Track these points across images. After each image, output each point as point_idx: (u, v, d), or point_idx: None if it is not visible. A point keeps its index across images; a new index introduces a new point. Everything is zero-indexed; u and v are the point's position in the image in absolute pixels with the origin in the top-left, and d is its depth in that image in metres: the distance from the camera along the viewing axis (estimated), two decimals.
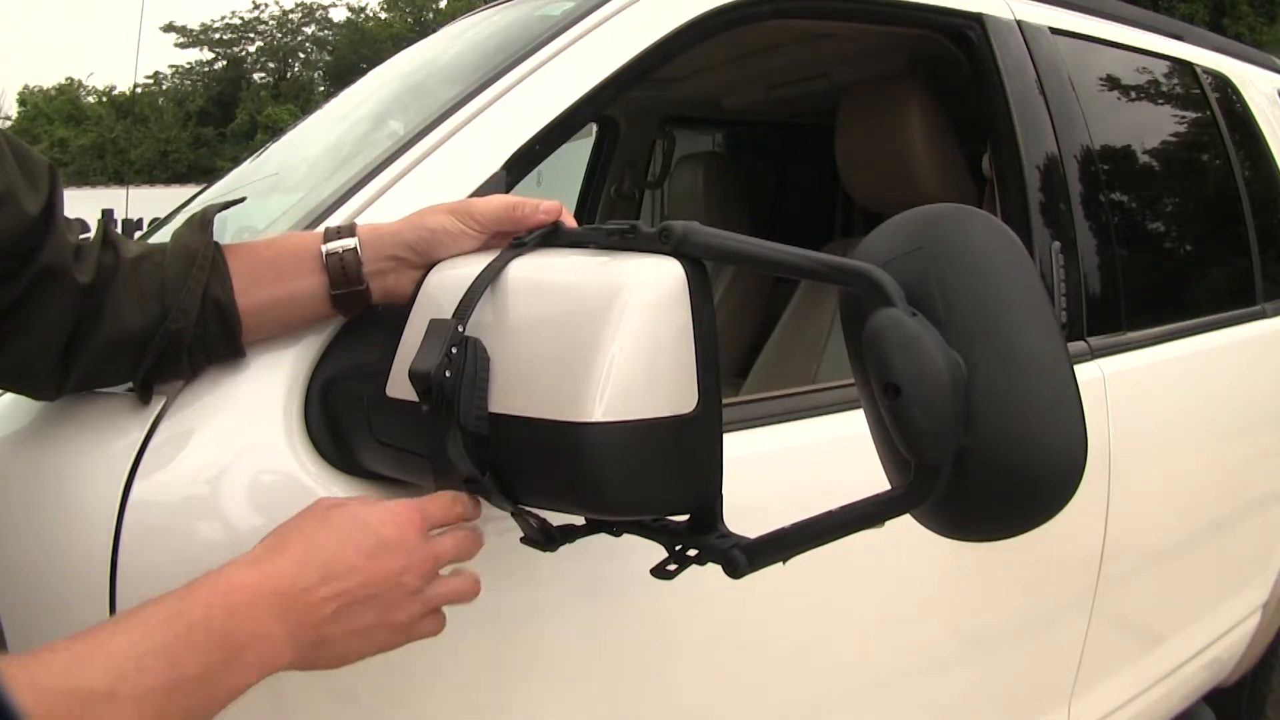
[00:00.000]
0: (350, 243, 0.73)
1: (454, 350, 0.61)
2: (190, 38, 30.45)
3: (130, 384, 0.71)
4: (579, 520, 0.67)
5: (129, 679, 0.49)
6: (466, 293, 0.64)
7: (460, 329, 0.62)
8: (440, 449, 0.62)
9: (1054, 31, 1.47)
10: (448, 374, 0.60)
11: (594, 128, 2.35)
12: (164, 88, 30.82)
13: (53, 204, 0.66)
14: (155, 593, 0.54)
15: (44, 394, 0.70)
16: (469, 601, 0.65)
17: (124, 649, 0.50)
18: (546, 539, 0.67)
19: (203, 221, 0.73)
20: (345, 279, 0.73)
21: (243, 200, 0.91)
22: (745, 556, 0.58)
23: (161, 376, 0.71)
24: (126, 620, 0.52)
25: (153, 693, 0.50)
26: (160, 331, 0.68)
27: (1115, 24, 1.66)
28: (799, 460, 1.00)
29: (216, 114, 29.22)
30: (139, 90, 29.02)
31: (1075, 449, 0.53)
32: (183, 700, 0.51)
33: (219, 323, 0.71)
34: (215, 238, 0.73)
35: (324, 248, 0.73)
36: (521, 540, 0.69)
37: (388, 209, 0.81)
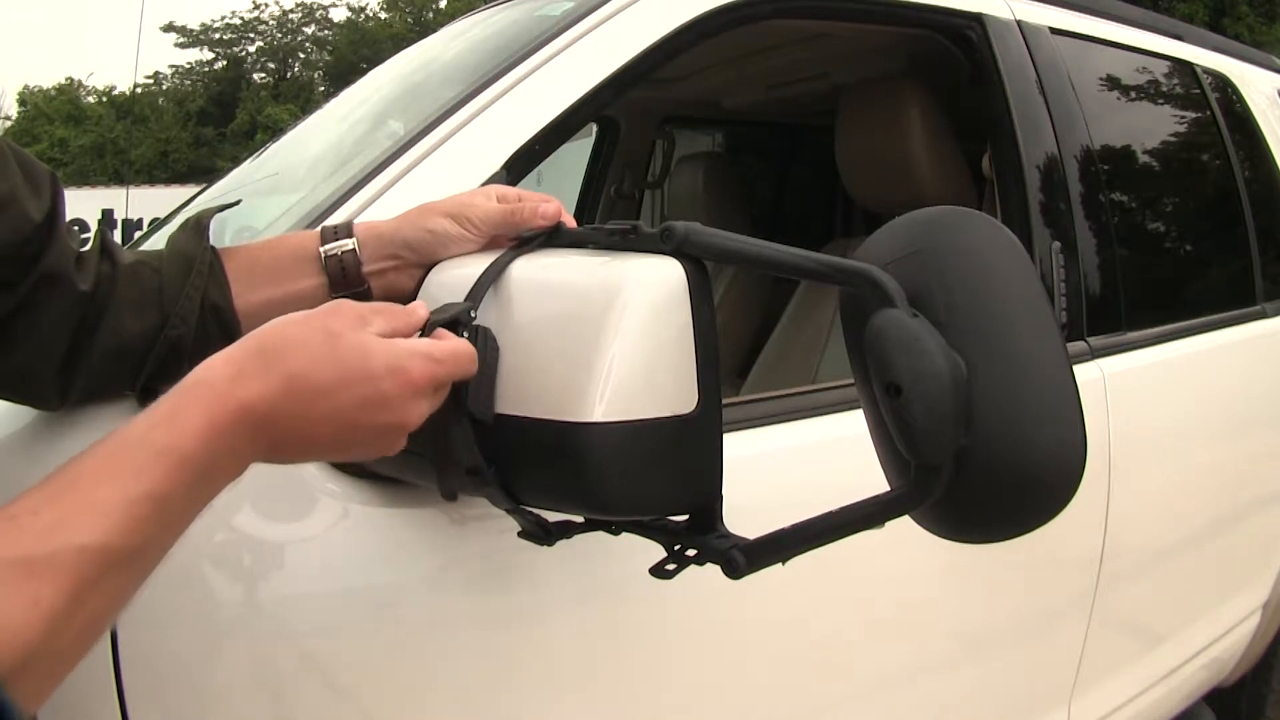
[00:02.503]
0: (349, 244, 0.73)
1: (465, 336, 0.61)
2: (190, 38, 30.44)
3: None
4: (577, 518, 0.67)
5: (126, 529, 0.46)
6: (476, 283, 0.64)
7: (472, 314, 0.62)
8: (444, 439, 0.62)
9: (1054, 31, 1.47)
10: None
11: (594, 128, 2.35)
12: (164, 88, 30.81)
13: (55, 211, 0.66)
14: (155, 594, 0.54)
15: (47, 403, 0.70)
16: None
17: (114, 497, 0.46)
18: (544, 533, 0.67)
19: (198, 226, 0.73)
20: (345, 280, 0.73)
21: (237, 203, 0.91)
22: (744, 557, 0.58)
23: (163, 383, 0.71)
24: (110, 460, 0.47)
25: (149, 541, 0.47)
26: (161, 339, 0.68)
27: (1115, 24, 1.66)
28: (799, 460, 1.00)
29: (216, 114, 29.21)
30: (139, 90, 29.01)
31: (1075, 450, 0.53)
32: (163, 535, 0.49)
33: (219, 328, 0.70)
34: (217, 239, 0.73)
35: (322, 249, 0.73)
36: (519, 534, 0.69)
37: (388, 209, 0.81)
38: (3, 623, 0.41)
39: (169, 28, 29.79)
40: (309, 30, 31.54)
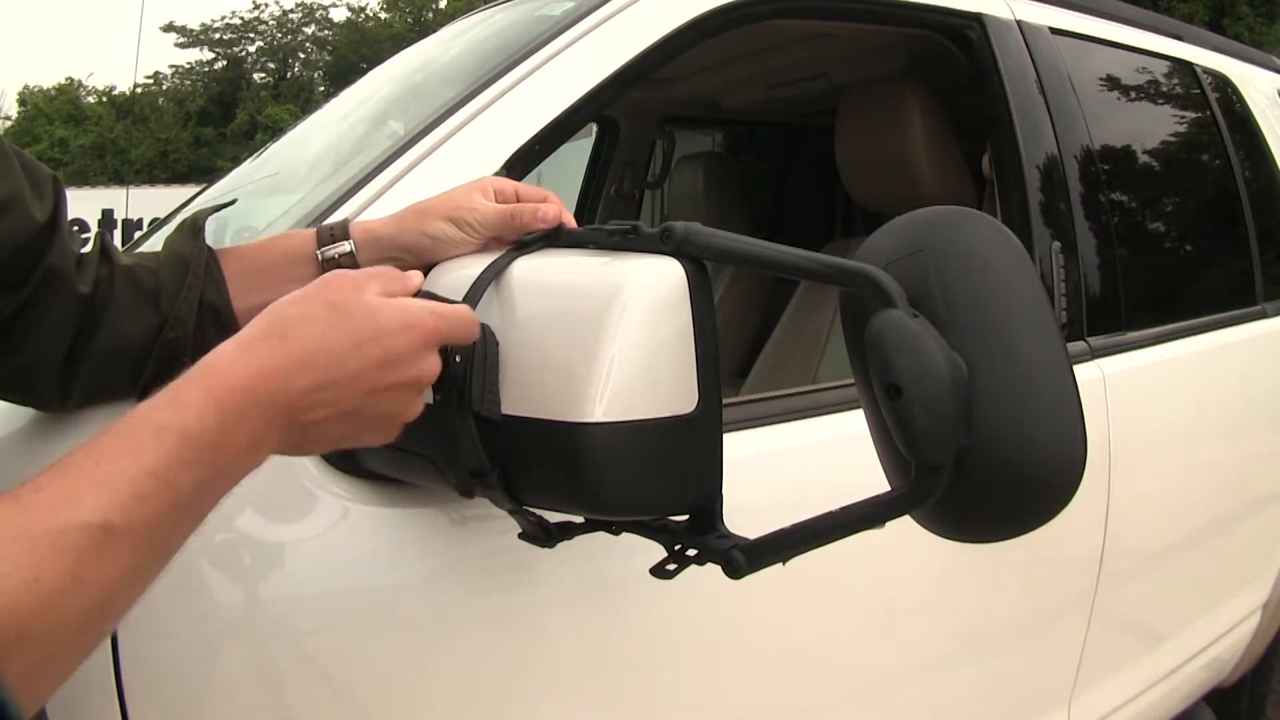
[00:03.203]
0: (346, 246, 0.73)
1: None
2: (190, 38, 30.44)
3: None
4: (577, 518, 0.67)
5: (128, 508, 0.44)
6: (475, 282, 0.64)
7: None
8: (448, 441, 0.61)
9: (1054, 31, 1.47)
10: (459, 358, 0.60)
11: (594, 128, 2.35)
12: (164, 88, 30.81)
13: (58, 213, 0.67)
14: (155, 594, 0.53)
15: (49, 404, 0.70)
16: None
17: (115, 474, 0.45)
18: (545, 535, 0.67)
19: (194, 228, 0.73)
20: None
21: (233, 203, 0.91)
22: (745, 557, 0.58)
23: (163, 384, 0.71)
24: (112, 441, 0.47)
25: (153, 519, 0.46)
26: (160, 341, 0.68)
27: (1115, 24, 1.66)
28: (799, 460, 1.00)
29: (216, 114, 29.21)
30: (139, 90, 29.01)
31: (1075, 450, 0.53)
32: (179, 520, 0.48)
33: (217, 329, 0.70)
34: (217, 239, 0.73)
35: (320, 252, 0.73)
36: (520, 536, 0.69)
37: (388, 209, 0.81)
38: (2, 599, 0.40)
39: (169, 28, 29.80)
40: (309, 30, 31.54)
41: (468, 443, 0.61)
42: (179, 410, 0.48)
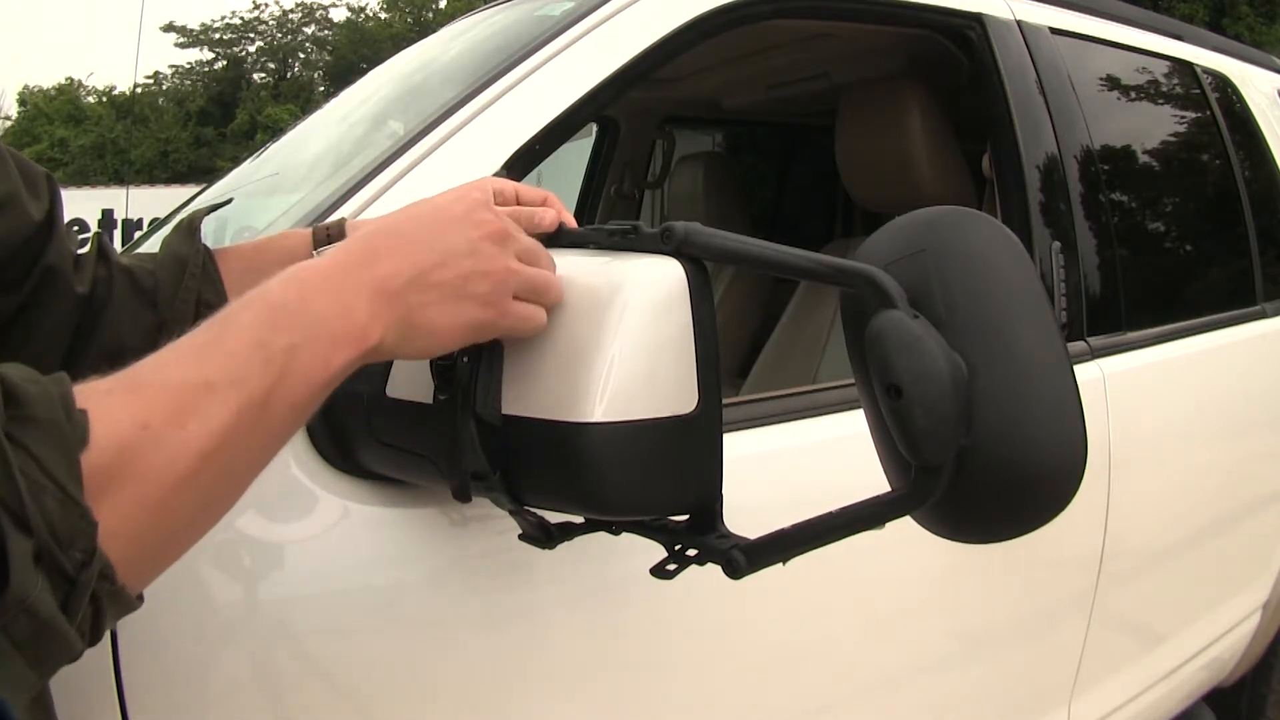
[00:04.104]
0: None
1: None
2: (190, 38, 30.43)
3: None
4: (577, 519, 0.67)
5: (223, 365, 0.46)
6: None
7: None
8: (451, 444, 0.62)
9: (1054, 31, 1.47)
10: (465, 359, 0.60)
11: (594, 128, 2.35)
12: (164, 88, 30.81)
13: (54, 212, 0.67)
14: (155, 594, 0.53)
15: None
16: (554, 300, 0.60)
17: (209, 340, 0.47)
18: (545, 536, 0.67)
19: (190, 228, 0.73)
20: None
21: (229, 203, 0.91)
22: (745, 557, 0.58)
23: None
24: (197, 329, 0.49)
25: (250, 375, 0.47)
26: (158, 343, 0.68)
27: (1115, 24, 1.66)
28: (799, 460, 1.00)
29: (216, 114, 29.21)
30: (139, 90, 29.01)
31: (1075, 450, 0.53)
32: (277, 380, 0.48)
33: None
34: (217, 239, 0.73)
35: (316, 252, 0.73)
36: (520, 537, 0.69)
37: (388, 210, 0.81)
38: (112, 431, 0.42)
39: (169, 28, 29.81)
40: (309, 30, 31.54)
41: (469, 445, 0.61)
42: (261, 290, 0.50)
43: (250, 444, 0.48)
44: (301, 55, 31.87)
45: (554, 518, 0.66)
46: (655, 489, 0.60)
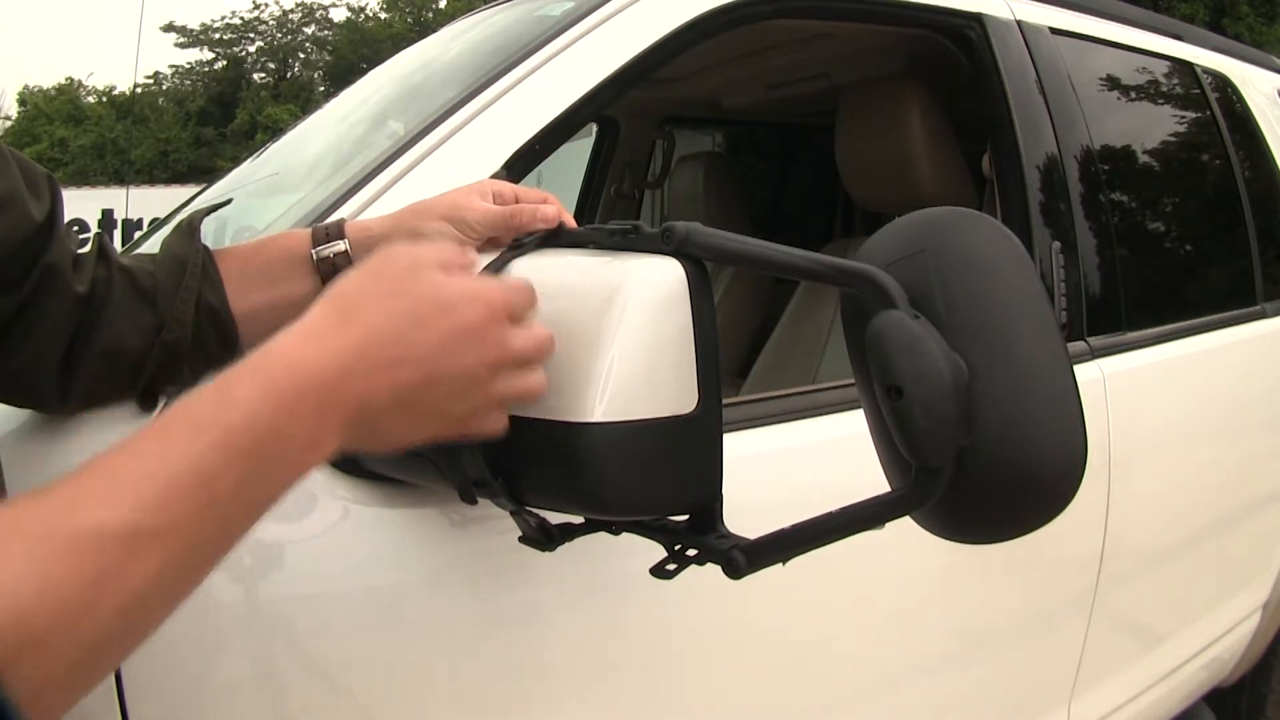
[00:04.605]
0: (340, 245, 0.73)
1: None
2: (190, 38, 30.43)
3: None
4: (577, 519, 0.67)
5: (159, 507, 0.40)
6: None
7: None
8: (450, 450, 0.61)
9: (1054, 31, 1.47)
10: None
11: (594, 128, 2.35)
12: (164, 88, 30.80)
13: (55, 212, 0.67)
14: None
15: (47, 406, 0.70)
16: (535, 400, 0.56)
17: (149, 472, 0.41)
18: (545, 538, 0.67)
19: (190, 228, 0.73)
20: None
21: (228, 202, 0.91)
22: (745, 557, 0.58)
23: (163, 385, 0.71)
24: (149, 436, 0.43)
25: (186, 519, 0.41)
26: (158, 343, 0.68)
27: (1115, 24, 1.66)
28: (799, 460, 1.00)
29: (216, 114, 29.21)
30: (139, 90, 29.00)
31: (1075, 450, 0.53)
32: (219, 520, 0.43)
33: (215, 329, 0.70)
34: (217, 239, 0.73)
35: (315, 252, 0.73)
36: (520, 539, 0.69)
37: (388, 210, 0.81)
38: (11, 602, 0.36)
39: (169, 28, 29.80)
40: (309, 30, 31.53)
41: (469, 451, 0.61)
42: (225, 403, 0.44)
43: (181, 583, 0.43)
44: (301, 55, 31.87)
45: (554, 518, 0.66)
46: (655, 489, 0.60)
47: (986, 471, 0.51)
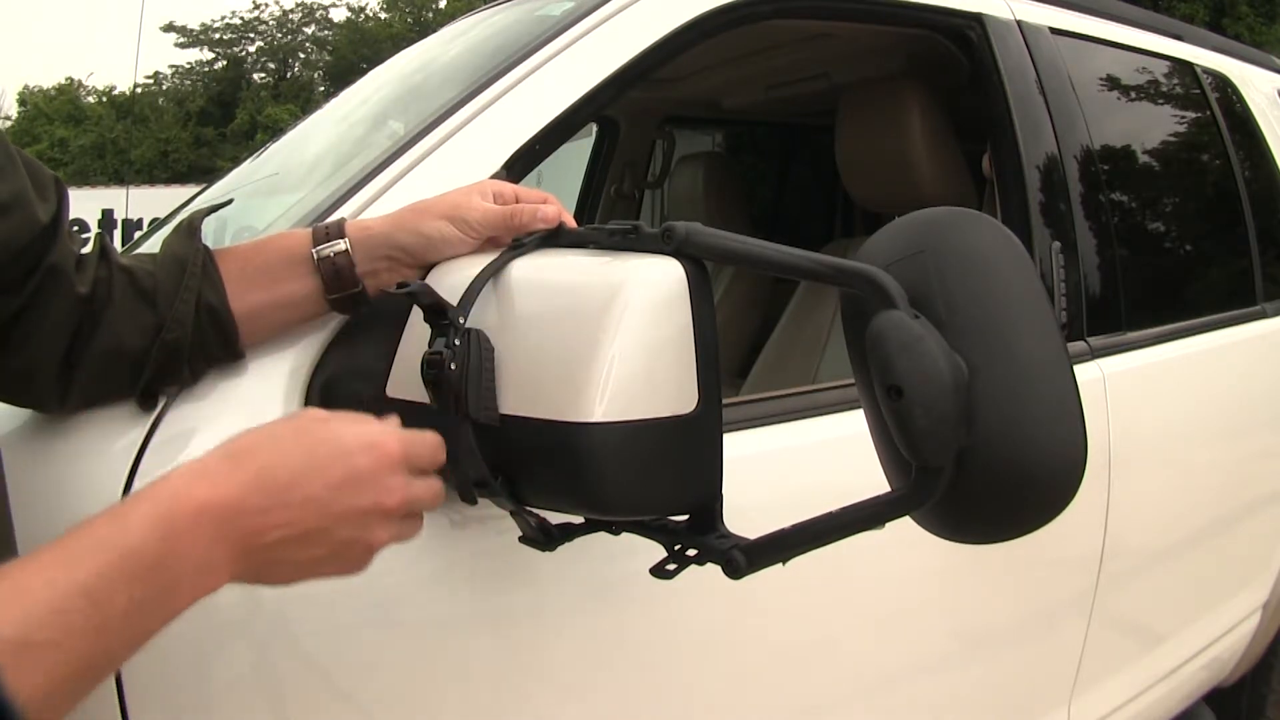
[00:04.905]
0: (341, 245, 0.73)
1: (457, 343, 0.61)
2: (190, 38, 30.42)
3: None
4: (577, 519, 0.67)
5: (48, 623, 0.42)
6: (468, 289, 0.64)
7: (462, 320, 0.62)
8: (450, 450, 0.61)
9: (1054, 31, 1.47)
10: (452, 365, 0.60)
11: (594, 128, 2.35)
12: (164, 88, 30.79)
13: (60, 214, 0.67)
14: None
15: (47, 405, 0.70)
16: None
17: (41, 587, 0.42)
18: (545, 538, 0.67)
19: (190, 228, 0.73)
20: (339, 283, 0.73)
21: (229, 203, 0.91)
22: (745, 557, 0.58)
23: (163, 385, 0.71)
24: (47, 552, 0.44)
25: (74, 636, 0.43)
26: (158, 343, 0.68)
27: (1115, 24, 1.66)
28: (799, 460, 1.00)
29: (216, 114, 29.20)
30: (139, 90, 29.00)
31: (1075, 450, 0.53)
32: (108, 639, 0.45)
33: (215, 329, 0.70)
34: (217, 239, 0.73)
35: (315, 251, 0.73)
36: (520, 539, 0.69)
37: (388, 210, 0.81)
38: None
39: (169, 28, 29.78)
40: (309, 30, 31.51)
41: (467, 451, 0.61)
42: (121, 525, 0.46)
43: (69, 695, 0.44)
44: (301, 55, 31.86)
45: (554, 518, 0.66)
46: (655, 489, 0.60)
47: (986, 471, 0.51)
